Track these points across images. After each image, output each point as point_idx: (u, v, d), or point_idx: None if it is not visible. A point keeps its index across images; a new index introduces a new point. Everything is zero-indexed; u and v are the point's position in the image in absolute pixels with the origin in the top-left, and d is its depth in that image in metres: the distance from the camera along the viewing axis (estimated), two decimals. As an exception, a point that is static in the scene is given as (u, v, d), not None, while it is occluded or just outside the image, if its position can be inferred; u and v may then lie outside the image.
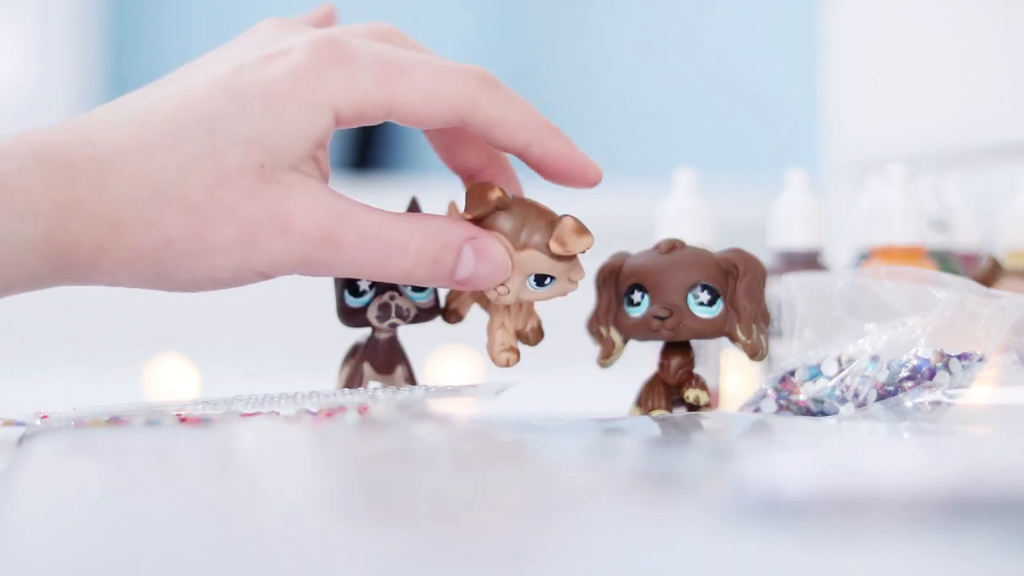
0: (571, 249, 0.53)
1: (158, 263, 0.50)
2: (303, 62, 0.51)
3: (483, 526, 0.36)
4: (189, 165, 0.50)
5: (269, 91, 0.50)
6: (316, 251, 0.51)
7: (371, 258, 0.51)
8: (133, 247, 0.50)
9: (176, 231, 0.50)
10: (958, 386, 0.55)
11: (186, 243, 0.50)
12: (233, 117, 0.50)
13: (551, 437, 0.53)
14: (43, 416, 0.54)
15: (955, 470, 0.36)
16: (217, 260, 0.50)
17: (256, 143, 0.50)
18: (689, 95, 2.13)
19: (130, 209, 0.50)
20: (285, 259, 0.51)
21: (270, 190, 0.50)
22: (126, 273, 0.51)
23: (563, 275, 0.54)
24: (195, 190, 0.50)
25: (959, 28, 1.09)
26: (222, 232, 0.50)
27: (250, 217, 0.50)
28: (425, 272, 0.52)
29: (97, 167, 0.49)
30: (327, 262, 0.51)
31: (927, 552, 0.33)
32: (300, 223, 0.50)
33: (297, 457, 0.48)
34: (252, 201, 0.50)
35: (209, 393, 0.68)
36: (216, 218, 0.50)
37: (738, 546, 0.33)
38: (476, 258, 0.53)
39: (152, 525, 0.36)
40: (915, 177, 0.78)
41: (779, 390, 0.58)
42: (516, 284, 0.54)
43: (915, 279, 0.57)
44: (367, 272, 0.52)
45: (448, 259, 0.52)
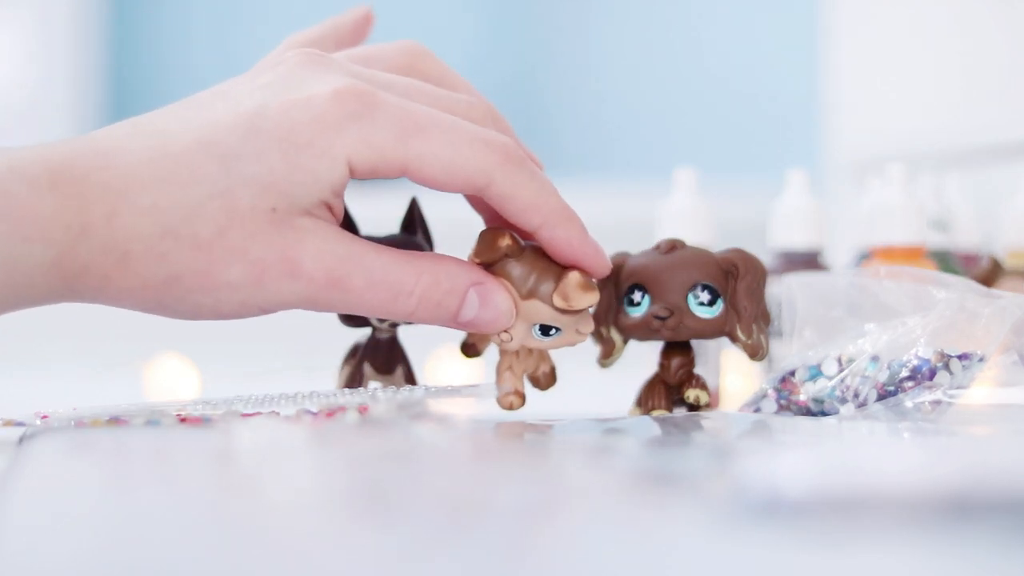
0: (574, 305, 0.53)
1: (164, 295, 0.51)
2: (325, 112, 0.51)
3: (483, 526, 0.36)
4: (202, 202, 0.50)
5: (288, 137, 0.50)
6: (323, 294, 0.51)
7: (376, 301, 0.52)
8: (140, 278, 0.50)
9: (184, 267, 0.50)
10: (958, 386, 0.55)
11: (193, 279, 0.50)
12: (250, 159, 0.50)
13: (551, 437, 0.53)
14: (43, 416, 0.54)
15: (955, 470, 0.36)
16: (223, 296, 0.51)
17: (271, 188, 0.50)
18: (689, 95, 2.13)
19: (140, 241, 0.50)
20: (292, 299, 0.51)
21: (281, 234, 0.50)
22: (131, 301, 0.51)
23: (570, 327, 0.54)
24: (205, 228, 0.50)
25: (959, 28, 1.09)
26: (229, 271, 0.50)
27: (259, 259, 0.50)
28: (428, 315, 0.52)
29: (110, 195, 0.50)
30: (333, 303, 0.52)
31: (927, 552, 0.33)
32: (309, 267, 0.51)
33: (297, 457, 0.48)
34: (262, 243, 0.50)
35: (209, 393, 0.68)
36: (225, 257, 0.50)
37: (738, 546, 0.33)
38: (480, 304, 0.53)
39: (152, 525, 0.36)
40: (915, 177, 0.78)
41: (779, 390, 0.58)
42: (520, 332, 0.54)
43: (915, 279, 0.57)
44: (372, 313, 0.52)
45: (452, 303, 0.52)
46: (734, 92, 2.05)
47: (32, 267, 0.49)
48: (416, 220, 0.58)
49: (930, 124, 1.11)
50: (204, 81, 0.58)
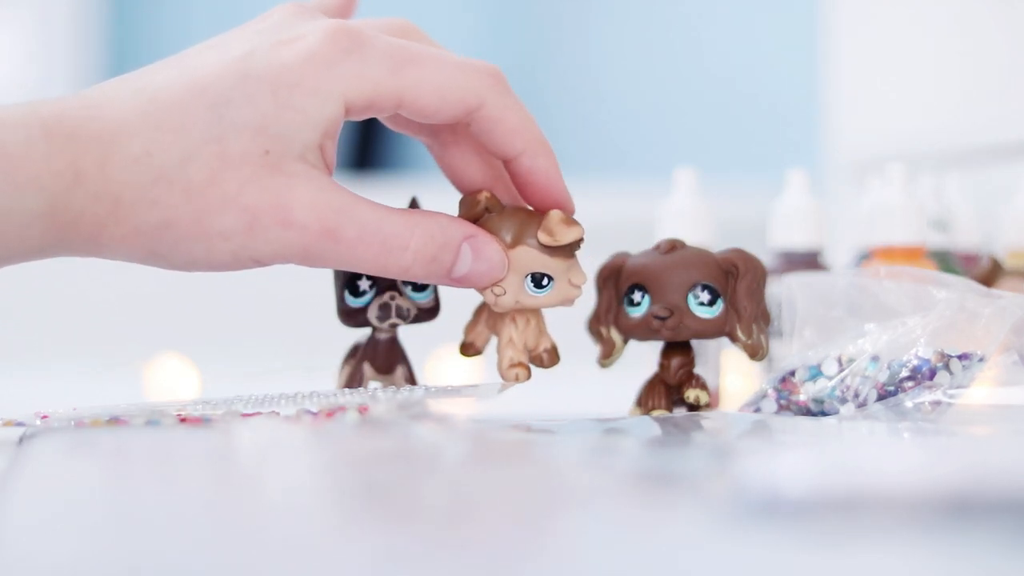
0: (559, 238, 0.53)
1: (157, 243, 0.51)
2: (316, 50, 0.51)
3: (483, 526, 0.36)
4: (193, 149, 0.50)
5: (279, 78, 0.50)
6: (316, 244, 0.51)
7: (370, 254, 0.51)
8: (133, 226, 0.50)
9: (176, 214, 0.50)
10: (958, 386, 0.55)
11: (186, 227, 0.50)
12: (240, 103, 0.50)
13: (551, 437, 0.53)
14: (43, 416, 0.54)
15: (955, 470, 0.36)
16: (215, 245, 0.51)
17: (262, 131, 0.50)
18: (689, 95, 2.13)
19: (132, 188, 0.50)
20: (284, 250, 0.51)
21: (273, 179, 0.50)
22: (124, 250, 0.51)
23: (561, 276, 0.54)
24: (198, 174, 0.50)
25: (959, 28, 1.09)
26: (222, 218, 0.50)
27: (251, 205, 0.50)
28: (423, 270, 0.52)
29: (102, 143, 0.50)
30: (325, 256, 0.51)
31: (927, 552, 0.33)
32: (301, 216, 0.50)
33: (297, 457, 0.48)
34: (254, 189, 0.50)
35: (209, 393, 0.68)
36: (217, 204, 0.50)
37: (738, 546, 0.33)
38: (474, 257, 0.53)
39: (152, 525, 0.36)
40: (915, 177, 0.78)
41: (779, 390, 0.58)
42: (513, 285, 0.54)
43: (915, 279, 0.57)
44: (365, 267, 0.52)
45: (446, 257, 0.52)
46: (734, 92, 2.05)
47: (25, 216, 0.49)
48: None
49: (930, 124, 1.11)
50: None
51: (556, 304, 0.55)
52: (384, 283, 0.56)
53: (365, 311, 0.56)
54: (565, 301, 0.55)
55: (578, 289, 0.55)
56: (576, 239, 0.54)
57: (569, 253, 0.54)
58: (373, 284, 0.56)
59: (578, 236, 0.54)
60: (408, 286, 0.56)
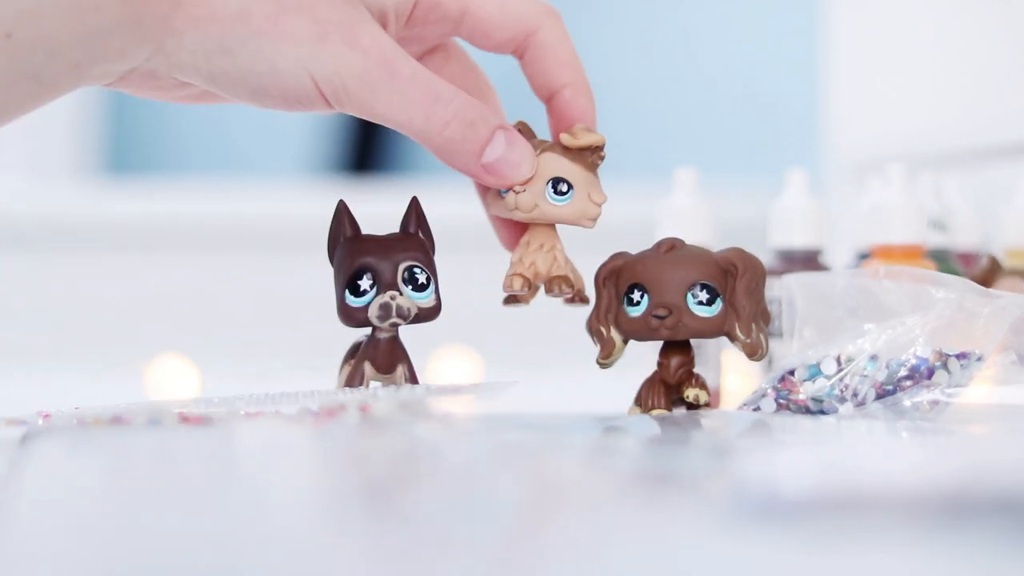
0: (581, 139, 0.56)
1: (228, 33, 0.51)
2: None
3: (483, 526, 0.36)
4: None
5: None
6: (373, 71, 0.52)
7: (417, 97, 0.53)
8: (212, 9, 0.51)
9: (256, 5, 0.51)
10: (956, 385, 0.55)
11: (261, 20, 0.52)
12: None
13: (551, 437, 0.53)
14: (45, 415, 0.54)
15: (953, 469, 0.36)
16: (284, 48, 0.52)
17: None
18: (689, 95, 2.13)
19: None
20: (343, 68, 0.52)
21: (346, 6, 0.52)
22: (192, 39, 0.52)
23: (582, 188, 0.56)
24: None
25: (959, 28, 1.09)
26: (297, 21, 0.52)
27: (324, 18, 0.52)
28: (459, 133, 0.54)
29: None
30: (377, 87, 0.53)
31: (925, 551, 0.33)
32: (367, 40, 0.52)
33: (299, 456, 0.48)
34: (329, 6, 0.52)
35: (210, 393, 0.68)
36: (295, 7, 0.52)
37: (737, 545, 0.33)
38: (507, 144, 0.54)
39: (153, 524, 0.36)
40: (915, 177, 0.78)
41: (779, 389, 0.58)
42: (534, 187, 0.55)
43: (914, 279, 0.57)
44: (407, 113, 0.53)
45: (482, 128, 0.54)
46: (734, 92, 2.05)
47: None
48: (416, 219, 0.58)
49: (930, 124, 1.11)
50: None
51: (576, 218, 0.56)
52: (384, 283, 0.56)
53: (365, 311, 0.56)
54: (584, 217, 0.56)
55: (597, 208, 0.56)
56: (596, 143, 0.56)
57: (590, 165, 0.56)
58: (374, 283, 0.56)
59: (599, 140, 0.56)
60: (408, 285, 0.56)
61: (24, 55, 0.50)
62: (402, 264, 0.56)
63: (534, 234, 0.57)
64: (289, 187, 1.80)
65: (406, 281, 0.56)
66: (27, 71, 0.51)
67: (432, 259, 0.56)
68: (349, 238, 0.57)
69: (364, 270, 0.56)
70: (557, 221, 0.56)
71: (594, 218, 0.56)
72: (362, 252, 0.56)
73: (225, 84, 0.53)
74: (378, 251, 0.56)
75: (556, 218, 0.56)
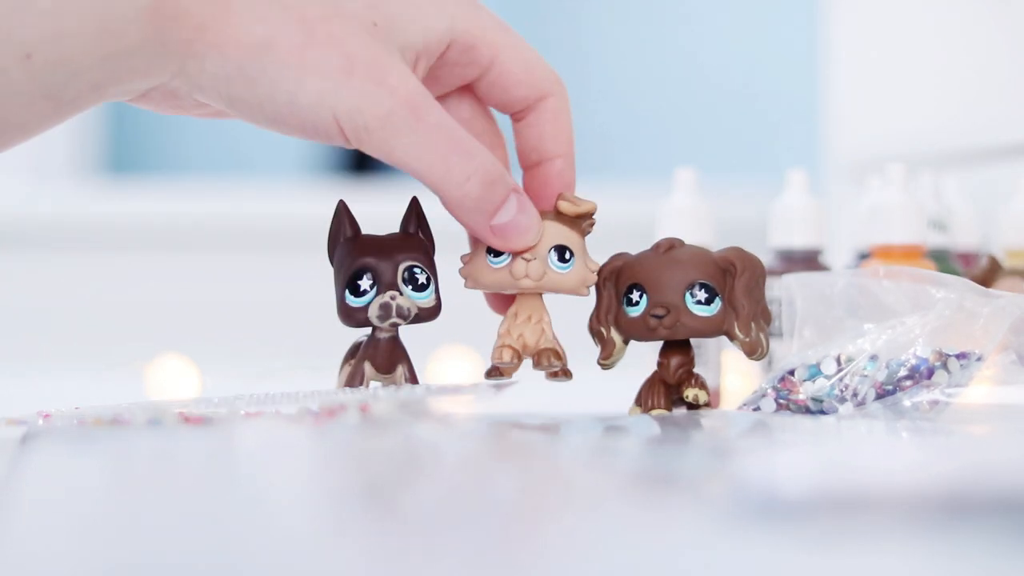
0: (580, 205, 0.56)
1: (252, 61, 0.50)
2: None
3: (483, 525, 0.36)
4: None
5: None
6: (398, 113, 0.51)
7: (440, 147, 0.52)
8: (234, 36, 0.50)
9: (282, 36, 0.50)
10: (956, 385, 0.55)
11: (286, 51, 0.51)
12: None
13: (551, 437, 0.53)
14: (45, 415, 0.54)
15: (953, 469, 0.37)
16: (307, 81, 0.51)
17: (376, 7, 0.52)
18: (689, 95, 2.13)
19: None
20: (367, 108, 0.51)
21: (377, 43, 0.51)
22: (214, 64, 0.51)
23: (580, 255, 0.56)
24: (313, 10, 0.51)
25: (959, 28, 1.09)
26: (324, 54, 0.51)
27: (353, 53, 0.51)
28: (476, 191, 0.53)
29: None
30: (400, 130, 0.52)
31: (925, 551, 0.33)
32: (395, 80, 0.51)
33: (299, 456, 0.48)
34: (360, 42, 0.51)
35: (210, 393, 0.68)
36: (323, 40, 0.51)
37: (737, 545, 0.33)
38: (519, 208, 0.54)
39: (154, 524, 0.36)
40: (915, 177, 0.78)
41: (778, 389, 0.58)
42: (540, 255, 0.55)
43: (914, 279, 0.57)
44: (426, 161, 0.52)
45: (500, 189, 0.53)
46: (734, 92, 2.05)
47: (126, 9, 0.49)
48: (416, 219, 0.58)
49: (930, 124, 1.11)
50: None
51: (576, 286, 0.56)
52: (385, 282, 0.56)
53: (365, 311, 0.56)
54: (583, 284, 0.56)
55: (594, 275, 0.57)
56: (592, 209, 0.56)
57: (583, 232, 0.56)
58: (374, 283, 0.56)
59: (594, 207, 0.56)
60: (408, 285, 0.56)
61: (44, 76, 0.50)
62: (402, 264, 0.56)
63: (522, 305, 0.57)
64: (289, 187, 1.80)
65: (406, 281, 0.56)
66: (46, 91, 0.50)
67: (432, 259, 0.56)
68: (349, 238, 0.57)
69: (364, 270, 0.56)
70: (560, 290, 0.56)
71: (591, 285, 0.57)
72: (362, 252, 0.56)
73: (243, 110, 0.52)
74: (378, 251, 0.56)
75: (560, 286, 0.56)
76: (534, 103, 0.56)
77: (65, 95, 0.51)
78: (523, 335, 0.56)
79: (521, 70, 0.55)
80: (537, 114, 0.56)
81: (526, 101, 0.56)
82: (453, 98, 0.57)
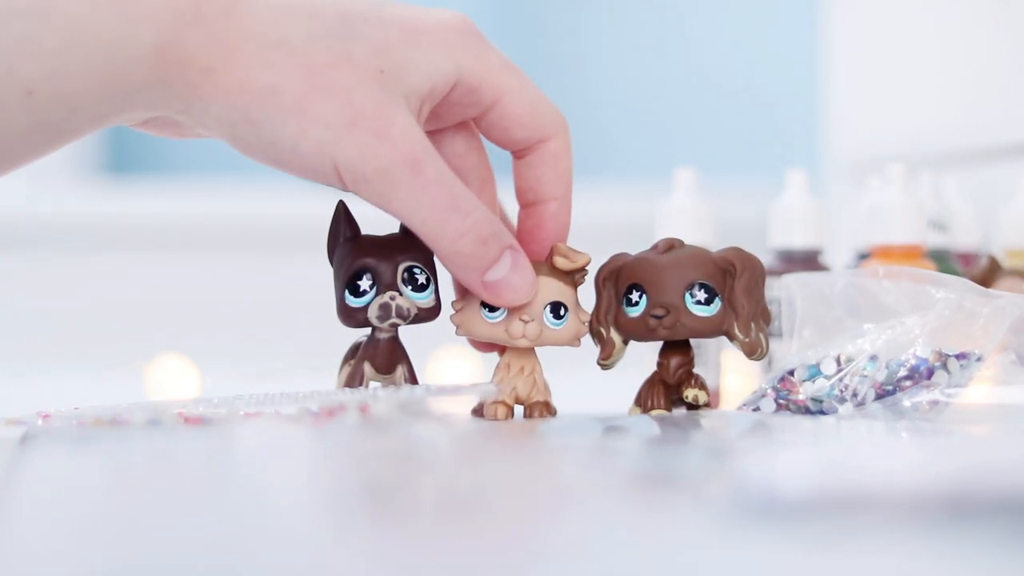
0: (575, 259, 0.56)
1: (256, 107, 0.51)
2: (452, 17, 0.53)
3: (483, 525, 0.36)
4: (320, 35, 0.51)
5: (412, 21, 0.52)
6: (398, 167, 0.51)
7: (437, 202, 0.52)
8: (239, 80, 0.50)
9: (287, 82, 0.50)
10: (956, 385, 0.55)
11: (291, 98, 0.51)
12: (372, 22, 0.52)
13: (551, 437, 0.53)
14: (44, 416, 0.54)
15: (953, 469, 0.36)
16: (311, 129, 0.51)
17: (384, 52, 0.52)
18: (689, 95, 2.13)
19: (252, 43, 0.50)
20: (368, 159, 0.51)
21: (383, 93, 0.51)
22: (218, 107, 0.51)
23: (573, 307, 0.56)
24: (320, 57, 0.51)
25: (959, 28, 1.09)
26: (328, 103, 0.51)
27: (358, 103, 0.51)
28: (470, 248, 0.53)
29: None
30: (398, 184, 0.52)
31: (925, 551, 0.33)
32: (397, 133, 0.51)
33: (298, 457, 0.48)
34: (364, 91, 0.51)
35: (210, 393, 0.68)
36: (328, 87, 0.51)
37: (737, 545, 0.33)
38: (512, 265, 0.54)
39: (153, 525, 0.36)
40: (915, 177, 0.78)
41: (778, 389, 0.58)
42: (535, 312, 0.56)
43: (914, 279, 0.57)
44: (422, 215, 0.52)
45: (493, 248, 0.53)
46: (734, 92, 2.05)
47: (133, 50, 0.49)
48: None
49: (929, 124, 1.11)
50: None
51: (569, 340, 0.57)
52: (384, 283, 0.56)
53: (365, 311, 0.56)
54: (575, 338, 0.57)
55: (585, 327, 0.57)
56: (587, 262, 0.56)
57: (575, 284, 0.57)
58: (373, 284, 0.56)
59: (588, 260, 0.56)
60: (408, 286, 0.56)
61: (45, 111, 0.50)
62: (402, 264, 0.56)
63: (513, 357, 0.57)
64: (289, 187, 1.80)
65: (406, 281, 0.56)
66: (47, 124, 0.50)
67: (432, 260, 0.56)
68: (349, 238, 0.57)
69: (364, 270, 0.56)
70: (554, 344, 0.57)
71: (582, 336, 0.57)
72: (362, 252, 0.56)
73: (246, 149, 0.52)
74: (378, 251, 0.56)
75: (554, 342, 0.57)
76: (535, 144, 0.56)
77: (65, 128, 0.51)
78: (516, 388, 0.57)
79: (524, 112, 0.55)
80: (537, 155, 0.56)
81: (527, 142, 0.56)
82: (449, 132, 0.57)
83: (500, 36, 2.67)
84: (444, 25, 0.53)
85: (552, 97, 0.57)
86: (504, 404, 0.57)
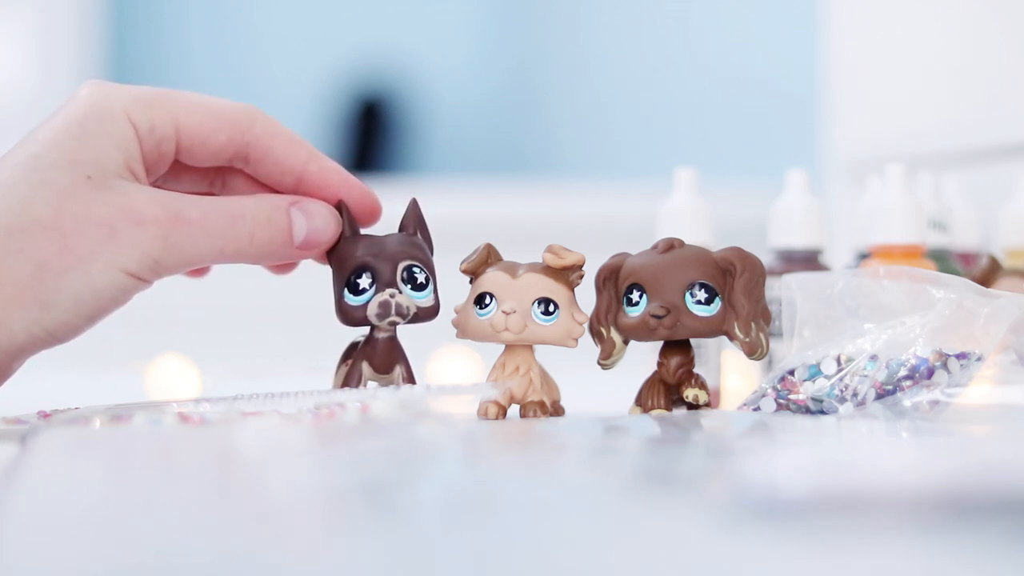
0: (564, 257, 0.56)
1: (39, 289, 0.52)
2: (103, 87, 0.55)
3: (483, 526, 0.36)
4: (28, 198, 0.52)
5: (79, 119, 0.54)
6: (172, 232, 0.53)
7: (218, 228, 0.54)
8: (12, 280, 0.52)
9: (44, 251, 0.52)
10: (956, 385, 0.55)
11: (57, 260, 0.52)
12: (48, 146, 0.53)
13: (551, 437, 0.53)
14: (45, 415, 0.54)
15: (953, 469, 0.37)
16: (91, 269, 0.53)
17: (75, 163, 0.53)
18: (689, 95, 2.13)
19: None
20: (148, 248, 0.53)
21: (109, 193, 0.53)
22: (16, 316, 0.52)
23: (566, 307, 0.56)
24: (44, 213, 0.52)
25: (958, 28, 1.09)
26: (84, 238, 0.52)
27: (104, 217, 0.53)
28: (265, 233, 0.55)
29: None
30: (182, 241, 0.54)
31: (925, 551, 0.33)
32: (150, 211, 0.53)
33: (297, 457, 0.48)
34: (99, 205, 0.53)
35: (210, 393, 0.68)
36: (75, 227, 0.52)
37: (737, 545, 0.33)
38: (306, 217, 0.56)
39: (153, 524, 0.36)
40: (915, 177, 0.78)
41: (779, 389, 0.58)
42: (521, 308, 0.56)
43: (914, 279, 0.57)
44: (217, 243, 0.54)
45: (280, 219, 0.55)
46: (734, 93, 2.05)
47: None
48: (415, 220, 0.58)
49: (930, 124, 1.11)
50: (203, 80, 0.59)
51: (561, 338, 0.56)
52: (384, 281, 0.56)
53: (364, 309, 0.56)
54: (569, 337, 0.57)
55: (581, 328, 0.57)
56: (579, 262, 0.56)
57: (570, 284, 0.57)
58: (373, 283, 0.56)
59: (581, 259, 0.56)
60: (408, 284, 0.57)
61: None
62: (401, 263, 0.56)
63: (510, 356, 0.57)
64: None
65: (405, 280, 0.56)
66: None
67: (431, 260, 0.56)
68: (348, 238, 0.57)
69: (363, 269, 0.56)
70: (544, 342, 0.57)
71: (578, 337, 0.57)
72: (361, 251, 0.56)
73: (56, 330, 0.53)
74: (377, 250, 0.56)
75: (543, 339, 0.57)
76: (241, 139, 0.57)
77: None
78: (510, 387, 0.57)
79: (207, 119, 0.56)
80: (255, 146, 0.57)
81: (232, 144, 0.57)
82: (212, 172, 0.59)
83: (500, 36, 2.69)
84: (104, 90, 0.55)
85: (552, 97, 0.57)
86: (496, 403, 0.57)
